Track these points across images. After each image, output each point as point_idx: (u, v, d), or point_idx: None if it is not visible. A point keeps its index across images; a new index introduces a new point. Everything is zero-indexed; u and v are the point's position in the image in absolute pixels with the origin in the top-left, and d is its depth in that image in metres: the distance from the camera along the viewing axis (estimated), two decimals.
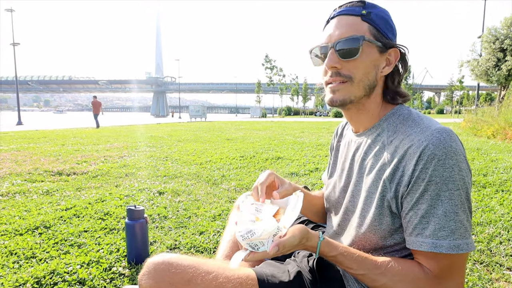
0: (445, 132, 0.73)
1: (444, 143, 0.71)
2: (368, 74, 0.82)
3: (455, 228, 0.71)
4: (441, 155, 0.71)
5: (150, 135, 9.96)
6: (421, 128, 0.77)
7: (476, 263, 1.78)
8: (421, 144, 0.73)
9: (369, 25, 0.81)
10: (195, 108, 30.40)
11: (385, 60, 0.84)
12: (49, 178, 3.85)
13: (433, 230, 0.72)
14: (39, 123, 20.17)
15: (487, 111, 10.99)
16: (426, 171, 0.72)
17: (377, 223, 0.83)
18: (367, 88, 0.84)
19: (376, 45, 0.82)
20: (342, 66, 0.82)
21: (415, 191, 0.74)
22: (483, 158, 4.84)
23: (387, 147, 0.82)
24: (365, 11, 0.82)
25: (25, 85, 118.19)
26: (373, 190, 0.83)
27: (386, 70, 0.85)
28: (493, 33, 16.94)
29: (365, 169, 0.88)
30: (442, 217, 0.71)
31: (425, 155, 0.72)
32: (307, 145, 6.89)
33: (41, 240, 2.01)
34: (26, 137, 9.27)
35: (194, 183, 3.59)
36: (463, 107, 42.40)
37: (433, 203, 0.72)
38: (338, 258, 0.79)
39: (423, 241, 0.73)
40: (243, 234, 0.72)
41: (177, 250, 1.92)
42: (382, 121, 0.87)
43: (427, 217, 0.72)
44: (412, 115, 0.84)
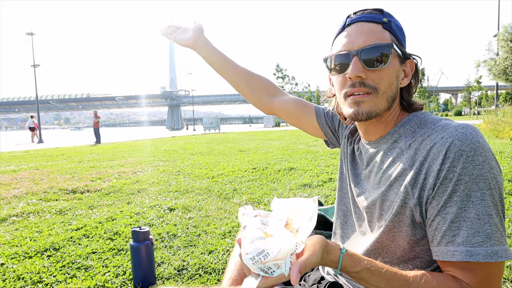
0: (470, 127, 0.66)
1: (472, 138, 0.64)
2: (391, 85, 0.76)
3: (491, 232, 0.61)
4: (470, 151, 0.63)
5: (164, 149, 10.05)
6: (442, 125, 0.70)
7: (506, 281, 1.63)
8: (446, 141, 0.65)
9: (390, 33, 0.76)
10: (209, 120, 30.69)
11: (403, 71, 0.80)
12: (64, 196, 3.89)
13: (466, 236, 0.62)
14: (58, 140, 20.77)
15: (508, 111, 10.57)
16: (454, 170, 0.63)
17: (396, 231, 0.74)
18: (390, 100, 0.77)
19: (398, 55, 0.77)
20: (367, 76, 0.75)
21: (442, 193, 0.65)
22: (507, 162, 4.60)
23: (405, 151, 0.74)
24: (386, 19, 0.76)
25: (46, 104, 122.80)
26: (392, 198, 0.74)
27: (404, 81, 0.80)
28: (510, 30, 16.44)
29: (381, 178, 0.79)
30: (475, 221, 0.61)
31: (451, 152, 0.64)
32: (321, 154, 6.77)
33: (49, 263, 2.00)
34: (46, 155, 9.52)
35: (205, 198, 3.55)
36: (482, 108, 41.16)
37: (463, 205, 0.63)
38: (362, 275, 0.65)
39: (455, 250, 0.63)
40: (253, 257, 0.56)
41: (184, 272, 1.86)
42: (398, 127, 0.80)
43: (458, 221, 0.63)
44: (430, 117, 0.77)
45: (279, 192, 3.66)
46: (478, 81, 39.93)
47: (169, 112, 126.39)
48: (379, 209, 0.79)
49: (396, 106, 0.81)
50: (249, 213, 0.69)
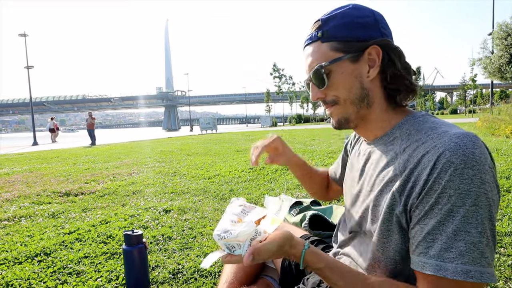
0: (467, 137, 0.62)
1: (464, 149, 0.60)
2: (351, 88, 0.76)
3: (465, 250, 0.58)
4: (459, 163, 0.59)
5: (160, 150, 9.97)
6: (438, 133, 0.66)
7: (508, 280, 1.60)
8: (437, 151, 0.62)
9: (330, 42, 0.75)
10: (206, 120, 30.58)
11: (367, 63, 0.75)
12: (57, 199, 3.82)
13: (438, 250, 0.60)
14: (53, 142, 20.58)
15: (504, 109, 10.63)
16: (440, 182, 0.60)
17: (385, 240, 0.72)
18: (357, 101, 0.77)
19: (344, 59, 0.75)
20: (325, 94, 0.80)
21: (425, 203, 0.63)
22: (504, 159, 4.59)
23: (399, 156, 0.72)
24: (321, 32, 0.76)
25: (41, 106, 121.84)
26: (382, 203, 0.73)
27: (373, 72, 0.75)
28: (504, 29, 16.52)
29: (375, 181, 0.77)
30: (451, 236, 0.59)
31: (440, 163, 0.61)
32: (318, 153, 6.74)
33: (40, 268, 1.93)
34: (40, 157, 9.40)
35: (201, 199, 3.50)
36: (477, 106, 41.40)
37: (442, 219, 0.60)
38: (324, 272, 0.71)
39: (426, 262, 0.61)
40: (220, 233, 0.69)
41: (180, 275, 1.81)
42: (395, 128, 0.77)
43: (434, 234, 0.61)
44: (428, 121, 0.73)
45: (277, 192, 3.61)
46: (473, 79, 40.14)
47: (166, 113, 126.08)
48: (371, 214, 0.76)
49: (377, 101, 0.78)
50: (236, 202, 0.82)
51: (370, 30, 0.74)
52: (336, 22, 0.75)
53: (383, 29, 0.76)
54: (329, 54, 0.75)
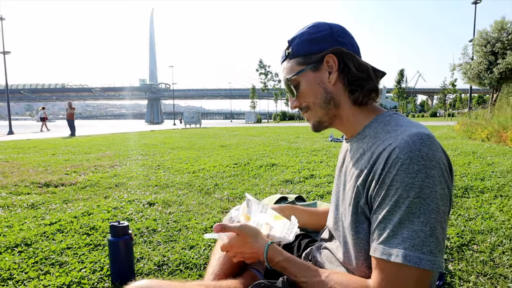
0: (417, 136, 0.69)
1: (412, 147, 0.67)
2: (316, 94, 0.87)
3: (407, 237, 0.65)
4: (406, 159, 0.67)
5: (143, 143, 9.82)
6: (398, 132, 0.74)
7: (480, 275, 1.70)
8: (390, 148, 0.71)
9: (295, 58, 0.87)
10: (190, 114, 30.24)
11: (327, 70, 0.85)
12: (36, 190, 3.72)
13: (386, 237, 0.68)
14: (30, 132, 19.90)
15: (481, 114, 11.05)
16: (389, 175, 0.69)
17: (354, 232, 0.79)
18: (324, 104, 0.87)
19: (307, 70, 0.86)
20: (300, 102, 0.91)
21: (379, 195, 0.71)
22: (479, 162, 4.80)
23: (366, 153, 0.80)
24: (288, 51, 0.88)
25: (17, 93, 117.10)
26: (350, 197, 0.81)
27: (332, 77, 0.85)
28: (484, 36, 17.14)
29: (348, 177, 0.86)
30: (397, 224, 0.67)
31: (390, 159, 0.69)
32: (302, 151, 6.82)
33: (21, 259, 1.89)
34: (16, 147, 9.08)
35: (186, 193, 3.49)
36: (456, 110, 42.82)
37: (391, 209, 0.68)
38: (283, 264, 0.85)
39: (376, 247, 0.69)
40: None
41: (165, 267, 1.82)
42: (366, 127, 0.85)
43: (384, 222, 0.69)
44: (393, 120, 0.81)
45: (261, 187, 3.65)
46: (453, 84, 41.44)
47: (149, 106, 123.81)
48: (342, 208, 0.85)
49: (344, 102, 0.87)
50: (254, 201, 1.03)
51: (325, 42, 0.85)
52: (297, 41, 0.87)
53: (340, 38, 0.85)
54: (294, 68, 0.87)
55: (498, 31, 16.74)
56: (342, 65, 0.84)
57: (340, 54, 0.84)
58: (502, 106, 9.50)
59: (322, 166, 4.92)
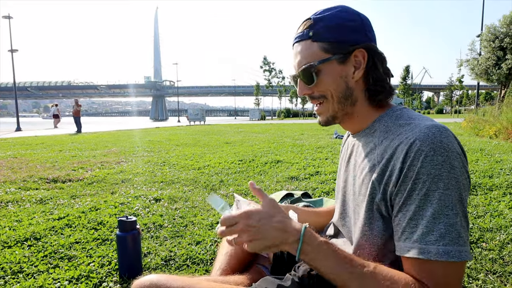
0: (435, 127, 0.68)
1: (433, 138, 0.66)
2: (337, 87, 0.81)
3: (445, 232, 0.63)
4: (429, 151, 0.65)
5: (148, 140, 9.87)
6: (412, 126, 0.72)
7: (489, 273, 1.68)
8: (409, 141, 0.68)
9: (320, 43, 0.79)
10: (194, 111, 30.31)
11: (353, 65, 0.80)
12: (44, 185, 3.76)
13: (420, 234, 0.64)
14: (37, 128, 20.10)
15: (488, 110, 10.91)
16: (413, 168, 0.66)
17: (368, 228, 0.77)
18: (343, 99, 0.82)
19: (332, 60, 0.79)
20: (313, 90, 0.83)
21: (403, 190, 0.68)
22: (487, 159, 4.75)
23: (378, 147, 0.78)
24: (312, 31, 0.79)
25: (25, 91, 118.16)
26: (363, 192, 0.78)
27: (357, 74, 0.80)
28: (493, 31, 16.89)
29: (357, 172, 0.83)
30: (431, 220, 0.64)
31: (412, 151, 0.67)
32: (307, 148, 6.80)
33: (30, 253, 1.92)
34: (24, 143, 9.18)
35: (191, 189, 3.50)
36: (462, 106, 42.34)
37: (421, 204, 0.65)
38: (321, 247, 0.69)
39: (411, 246, 0.66)
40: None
41: (172, 262, 1.83)
42: (376, 122, 0.83)
43: (416, 219, 0.65)
44: (404, 114, 0.79)
45: (267, 184, 3.65)
46: (460, 80, 40.97)
47: (153, 103, 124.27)
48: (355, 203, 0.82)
49: (361, 99, 0.83)
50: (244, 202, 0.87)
51: (357, 33, 0.79)
52: (326, 23, 0.78)
53: (368, 32, 0.80)
54: (318, 53, 0.79)
55: (506, 26, 16.48)
56: (371, 63, 0.80)
57: (371, 51, 0.79)
58: (511, 102, 9.37)
59: (327, 163, 4.91)
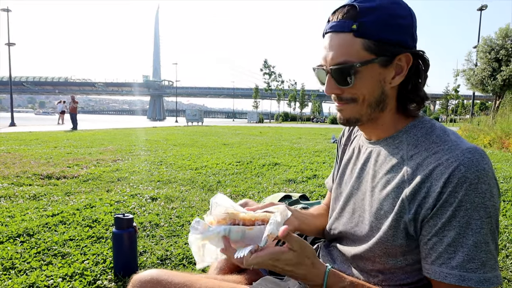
0: (478, 152, 0.64)
1: (477, 165, 0.63)
2: (373, 92, 0.73)
3: (486, 260, 0.62)
4: (474, 179, 0.62)
5: (145, 139, 9.82)
6: (449, 146, 0.67)
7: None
8: (451, 165, 0.64)
9: (365, 40, 0.68)
10: (192, 112, 30.26)
11: (394, 70, 0.72)
12: (38, 181, 3.72)
13: (461, 261, 0.63)
14: (32, 124, 19.95)
15: (483, 120, 11.03)
16: (456, 195, 0.63)
17: (390, 243, 0.73)
18: (374, 105, 0.74)
19: (375, 62, 0.70)
20: (342, 91, 0.74)
21: (441, 215, 0.65)
22: None
23: (406, 162, 0.72)
24: (356, 24, 0.68)
25: (20, 86, 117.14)
26: (388, 208, 0.73)
27: (396, 80, 0.73)
28: (489, 43, 17.13)
29: (378, 182, 0.77)
30: (472, 248, 0.62)
31: (455, 177, 0.63)
32: (305, 151, 6.81)
33: (23, 249, 1.89)
34: (18, 138, 9.08)
35: (188, 189, 3.48)
36: (457, 116, 42.70)
37: (462, 231, 0.63)
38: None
39: (449, 273, 0.64)
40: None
41: (168, 261, 1.81)
42: (402, 132, 0.77)
43: (455, 246, 0.64)
44: (436, 129, 0.74)
45: (264, 186, 3.64)
46: (456, 89, 41.33)
47: (151, 102, 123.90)
48: (374, 216, 0.77)
49: (390, 106, 0.77)
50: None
51: (405, 34, 0.70)
52: (375, 16, 0.68)
53: (415, 33, 0.72)
54: (360, 53, 0.69)
55: (502, 38, 16.73)
56: (413, 70, 0.72)
57: (418, 57, 0.72)
58: (505, 112, 9.47)
59: (325, 166, 4.91)
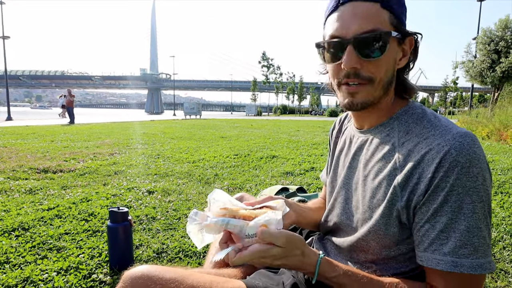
0: (469, 136, 0.63)
1: (468, 149, 0.62)
2: (388, 71, 0.71)
3: (478, 245, 0.61)
4: (465, 162, 0.61)
5: (143, 132, 9.78)
6: (440, 130, 0.66)
7: None
8: (442, 149, 0.63)
9: (389, 12, 0.68)
10: (190, 105, 30.12)
11: (401, 51, 0.73)
12: (34, 175, 3.69)
13: (453, 247, 0.62)
14: (29, 118, 19.84)
15: (482, 112, 11.03)
16: (447, 180, 0.62)
17: (382, 232, 0.72)
18: (386, 86, 0.73)
19: (396, 38, 0.70)
20: (363, 66, 0.69)
21: (433, 201, 0.63)
22: None
23: (398, 149, 0.71)
24: None
25: (16, 79, 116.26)
26: (380, 196, 0.72)
27: (402, 62, 0.74)
28: (488, 35, 17.04)
29: (370, 171, 0.77)
30: (465, 233, 0.61)
31: (446, 161, 0.62)
32: (303, 144, 6.80)
33: (18, 243, 1.87)
34: (14, 133, 9.02)
35: (185, 182, 3.47)
36: (456, 108, 42.72)
37: (454, 216, 0.62)
38: (340, 279, 0.69)
39: (442, 259, 0.63)
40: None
41: (164, 255, 1.80)
42: (393, 119, 0.76)
43: (447, 231, 0.63)
44: (427, 114, 0.73)
45: (262, 178, 3.63)
46: (455, 81, 41.24)
47: (149, 96, 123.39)
48: (368, 206, 0.76)
49: (391, 91, 0.76)
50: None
51: (406, 18, 0.73)
52: None
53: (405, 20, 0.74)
54: (387, 25, 0.67)
55: (502, 30, 16.63)
56: (413, 54, 0.75)
57: (416, 42, 0.74)
58: (504, 104, 9.47)
59: (323, 159, 4.90)
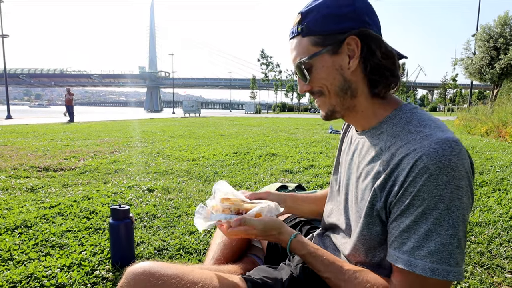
0: (446, 143, 0.63)
1: (441, 156, 0.62)
2: (333, 81, 0.77)
3: (435, 250, 0.63)
4: (435, 170, 0.62)
5: (142, 130, 9.80)
6: (421, 136, 0.68)
7: (477, 266, 1.71)
8: (416, 155, 0.65)
9: (310, 37, 0.75)
10: (189, 103, 30.12)
11: (347, 55, 0.74)
12: (35, 174, 3.71)
13: (411, 247, 0.65)
14: (29, 117, 19.82)
15: (481, 109, 11.05)
16: (415, 185, 0.64)
17: (366, 232, 0.76)
18: (341, 93, 0.78)
19: (323, 53, 0.75)
20: (311, 86, 0.81)
21: (401, 203, 0.67)
22: (478, 156, 4.82)
23: (384, 152, 0.74)
24: (301, 26, 0.76)
25: (15, 78, 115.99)
26: (365, 197, 0.76)
27: (353, 63, 0.75)
28: (487, 31, 17.02)
29: (361, 172, 0.80)
30: (423, 236, 0.64)
31: (417, 167, 0.64)
32: (302, 142, 6.82)
33: (21, 240, 1.90)
34: (15, 131, 9.04)
35: (185, 180, 3.49)
36: (455, 105, 42.75)
37: (416, 219, 0.65)
38: (307, 258, 0.82)
39: (400, 256, 0.67)
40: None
41: (165, 252, 1.83)
42: (383, 123, 0.78)
43: (408, 232, 0.66)
44: (415, 118, 0.73)
45: (261, 176, 3.65)
46: (454, 78, 41.24)
47: (148, 94, 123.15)
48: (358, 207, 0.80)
49: (362, 91, 0.78)
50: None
51: (348, 20, 0.73)
52: (314, 16, 0.74)
53: (364, 16, 0.74)
54: (309, 48, 0.75)
55: (501, 26, 16.62)
56: (366, 50, 0.73)
57: (364, 37, 0.73)
58: (503, 102, 9.49)
59: (322, 157, 4.93)
